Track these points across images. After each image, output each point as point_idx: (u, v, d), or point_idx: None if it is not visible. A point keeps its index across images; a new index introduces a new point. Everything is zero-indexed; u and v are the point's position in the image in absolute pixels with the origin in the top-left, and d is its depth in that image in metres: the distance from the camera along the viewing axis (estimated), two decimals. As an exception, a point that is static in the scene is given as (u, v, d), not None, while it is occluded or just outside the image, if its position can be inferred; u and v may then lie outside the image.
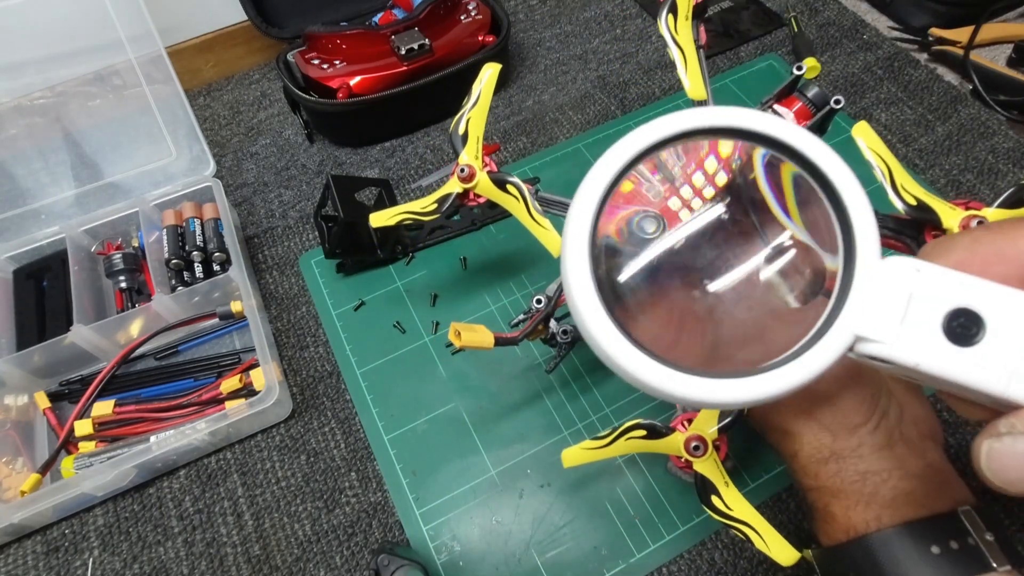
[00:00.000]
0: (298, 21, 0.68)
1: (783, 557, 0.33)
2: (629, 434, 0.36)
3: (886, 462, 0.30)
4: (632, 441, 0.36)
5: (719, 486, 0.34)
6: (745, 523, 0.33)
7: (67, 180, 0.56)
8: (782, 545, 0.33)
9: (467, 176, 0.41)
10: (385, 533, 0.45)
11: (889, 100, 0.65)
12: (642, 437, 0.35)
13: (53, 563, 0.45)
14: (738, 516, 0.34)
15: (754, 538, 0.33)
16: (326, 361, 0.53)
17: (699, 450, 0.34)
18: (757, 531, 0.33)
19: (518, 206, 0.41)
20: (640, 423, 0.35)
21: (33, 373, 0.51)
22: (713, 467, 0.34)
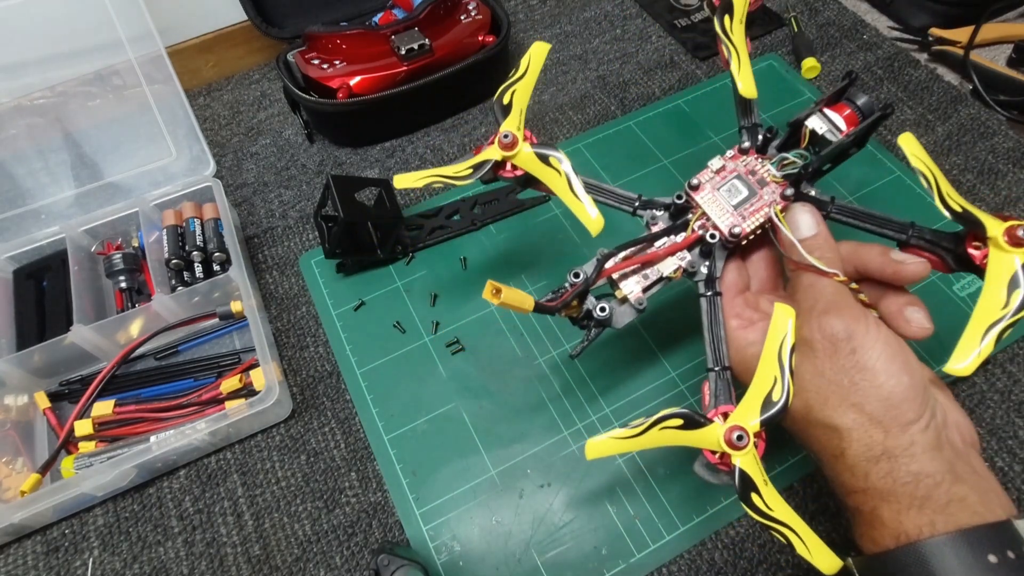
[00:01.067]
0: (298, 21, 0.68)
1: (825, 564, 0.31)
2: (664, 423, 0.33)
3: (938, 463, 0.29)
4: (667, 431, 0.33)
5: (759, 484, 0.32)
6: (786, 525, 0.32)
7: (67, 180, 0.56)
8: (824, 551, 0.31)
9: (509, 143, 0.39)
10: (385, 533, 0.45)
11: (889, 100, 0.65)
12: (678, 427, 0.33)
13: (53, 563, 0.45)
14: (779, 517, 0.32)
15: (795, 541, 0.31)
16: (326, 361, 0.53)
17: (742, 440, 0.32)
18: (799, 534, 0.31)
19: (559, 181, 0.40)
20: (677, 412, 0.33)
21: (33, 373, 0.51)
22: (753, 462, 0.32)
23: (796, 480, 0.45)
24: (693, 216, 0.39)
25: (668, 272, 0.38)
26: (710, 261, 0.38)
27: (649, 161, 0.62)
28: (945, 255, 0.35)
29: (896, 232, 0.37)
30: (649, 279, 0.38)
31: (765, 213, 0.37)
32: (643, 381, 0.49)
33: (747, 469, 0.32)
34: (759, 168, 0.39)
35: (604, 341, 0.51)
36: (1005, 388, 0.48)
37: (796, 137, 0.39)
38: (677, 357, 0.50)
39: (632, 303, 0.38)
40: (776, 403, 0.32)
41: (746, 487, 0.32)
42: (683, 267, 0.38)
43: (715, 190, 0.38)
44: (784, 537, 0.32)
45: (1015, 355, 0.49)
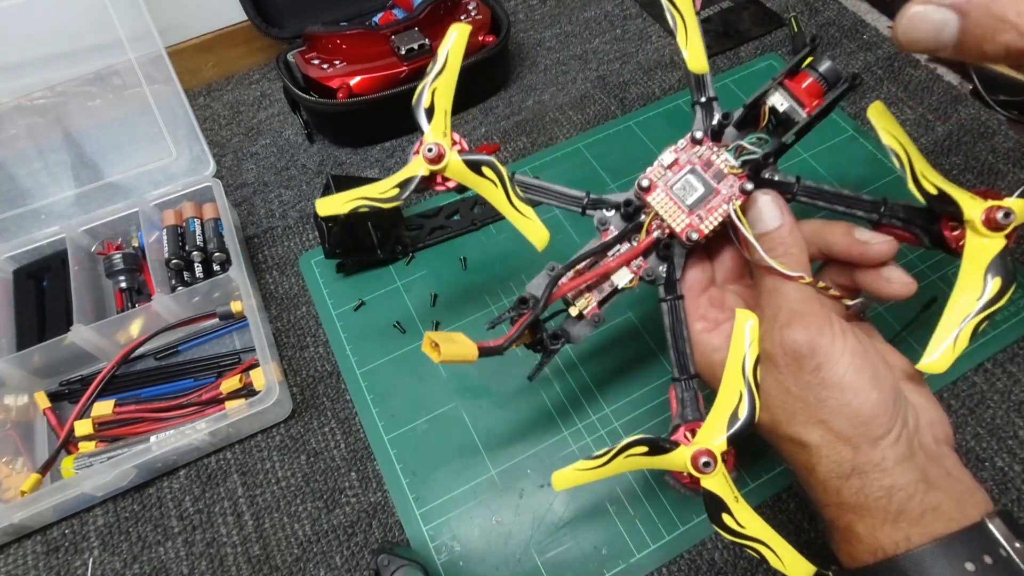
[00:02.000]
0: (298, 21, 0.68)
1: (799, 574, 0.31)
2: (629, 451, 0.33)
3: (910, 474, 0.28)
4: (632, 458, 0.33)
5: (729, 503, 0.31)
6: (759, 540, 0.31)
7: (67, 180, 0.56)
8: (798, 561, 0.31)
9: (434, 157, 0.35)
10: (385, 533, 0.45)
11: (889, 100, 0.65)
12: (643, 454, 0.32)
13: (53, 563, 0.45)
14: (751, 534, 0.31)
15: (769, 556, 0.31)
16: (326, 361, 0.53)
17: (708, 467, 0.31)
18: (772, 548, 0.31)
19: (496, 192, 0.36)
20: (641, 439, 0.32)
21: (33, 373, 0.51)
22: (722, 482, 0.31)
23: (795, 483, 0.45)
24: (647, 216, 0.36)
25: (623, 284, 0.36)
26: (668, 264, 0.36)
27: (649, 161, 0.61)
28: (920, 234, 0.33)
29: (867, 212, 0.34)
30: (604, 292, 0.36)
31: (724, 211, 0.34)
32: (643, 381, 0.49)
33: (716, 490, 0.31)
34: (714, 159, 0.35)
35: (604, 342, 0.51)
36: (1005, 388, 0.48)
37: (754, 116, 0.35)
38: (677, 357, 0.50)
39: (589, 319, 0.36)
40: (740, 420, 0.31)
41: (716, 508, 0.31)
42: (639, 276, 0.36)
43: (668, 189, 0.35)
44: (758, 553, 0.31)
45: (1015, 355, 0.49)
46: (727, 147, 0.35)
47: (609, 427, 0.48)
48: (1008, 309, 0.51)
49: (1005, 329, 0.50)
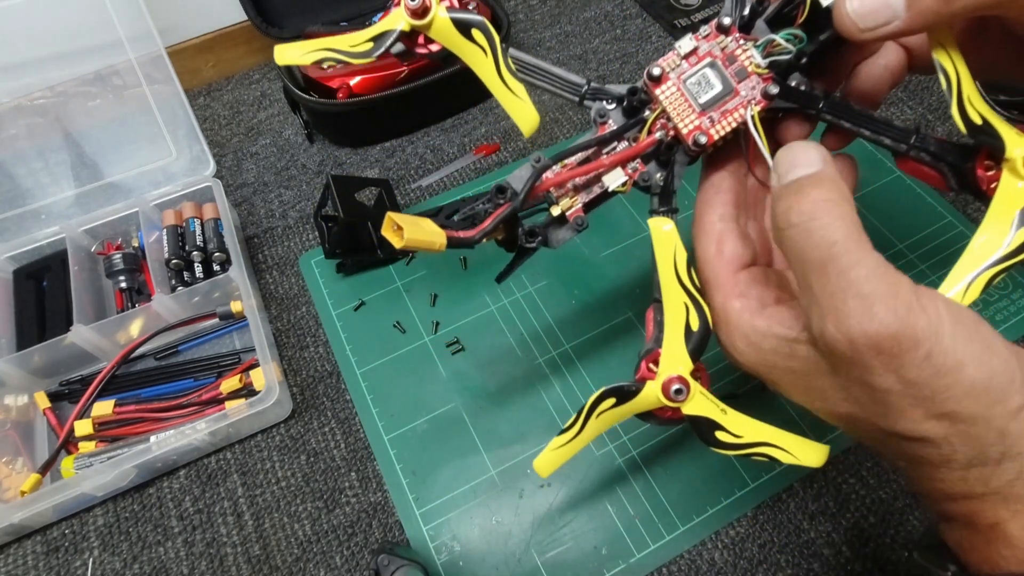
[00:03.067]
0: (298, 21, 0.68)
1: (814, 459, 0.29)
2: (598, 408, 0.30)
3: None
4: (604, 415, 0.30)
5: (717, 419, 0.29)
6: (762, 443, 0.29)
7: (67, 180, 0.56)
8: (809, 447, 0.29)
9: (418, 8, 0.30)
10: (385, 533, 0.45)
11: (889, 100, 0.65)
12: (614, 406, 0.30)
13: (53, 563, 0.45)
14: (751, 440, 0.29)
15: (778, 455, 0.29)
16: (326, 361, 0.53)
17: (681, 393, 0.28)
18: (778, 446, 0.29)
19: (485, 63, 0.31)
20: (604, 391, 0.30)
21: (33, 373, 0.51)
22: (703, 402, 0.29)
23: (796, 480, 0.45)
24: (651, 113, 0.32)
25: (615, 186, 0.32)
26: (668, 172, 0.32)
27: (649, 161, 0.62)
28: (948, 172, 0.30)
29: (895, 140, 0.30)
30: (592, 193, 0.32)
31: (740, 116, 0.30)
32: (643, 381, 0.49)
33: (699, 412, 0.29)
34: (739, 54, 0.30)
35: (604, 340, 0.51)
36: (1005, 388, 0.48)
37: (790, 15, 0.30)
38: (677, 357, 0.50)
39: (571, 223, 0.32)
40: (696, 331, 0.29)
41: (707, 429, 0.29)
42: (634, 179, 0.32)
43: (681, 82, 0.31)
44: (766, 456, 0.29)
45: (1015, 355, 0.49)
46: (756, 42, 0.30)
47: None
48: (1008, 309, 0.51)
49: (1005, 329, 0.50)
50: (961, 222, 0.55)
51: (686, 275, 0.29)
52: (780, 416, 0.47)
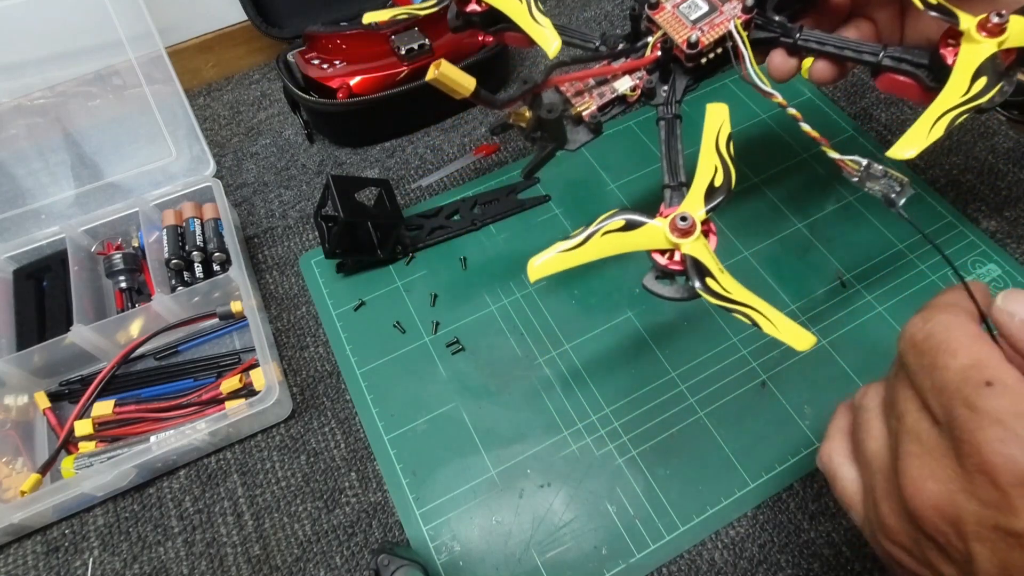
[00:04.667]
0: (298, 21, 0.68)
1: (798, 341, 0.29)
2: (606, 228, 0.31)
3: None
4: (610, 236, 0.31)
5: (714, 270, 0.30)
6: (748, 305, 0.30)
7: (67, 180, 0.56)
8: (793, 328, 0.29)
9: None
10: (385, 533, 0.45)
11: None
12: (620, 229, 0.31)
13: (53, 563, 0.45)
14: (739, 299, 0.30)
15: (761, 321, 0.30)
16: (326, 361, 0.53)
17: (686, 221, 0.30)
18: (763, 313, 0.30)
19: (519, 8, 0.38)
20: (617, 212, 0.32)
21: (33, 373, 0.51)
22: (704, 250, 0.31)
23: (796, 480, 0.45)
24: (653, 37, 0.38)
25: (624, 89, 0.37)
26: (670, 86, 0.38)
27: (649, 161, 0.62)
28: (919, 72, 0.34)
29: (870, 55, 0.36)
30: (605, 97, 0.37)
31: (725, 26, 0.36)
32: (643, 381, 0.49)
33: (698, 255, 0.31)
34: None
35: (603, 341, 0.51)
36: (1005, 388, 0.48)
37: None
38: (677, 357, 0.50)
39: (587, 120, 0.37)
40: (719, 189, 0.32)
41: (699, 272, 0.31)
42: (640, 85, 0.37)
43: (675, 8, 0.38)
44: (749, 318, 0.30)
45: (1015, 355, 0.49)
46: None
47: (609, 427, 0.48)
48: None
49: (1005, 329, 0.50)
50: (961, 222, 0.55)
51: (724, 145, 0.33)
52: (780, 415, 0.47)
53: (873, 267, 0.53)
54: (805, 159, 0.60)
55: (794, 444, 0.46)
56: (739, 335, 0.51)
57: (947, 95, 0.31)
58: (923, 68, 0.35)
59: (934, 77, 0.34)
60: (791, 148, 0.61)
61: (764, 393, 0.48)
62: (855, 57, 0.36)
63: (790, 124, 0.63)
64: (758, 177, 0.60)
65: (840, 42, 0.36)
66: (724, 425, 0.47)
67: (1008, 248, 0.54)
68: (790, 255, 0.55)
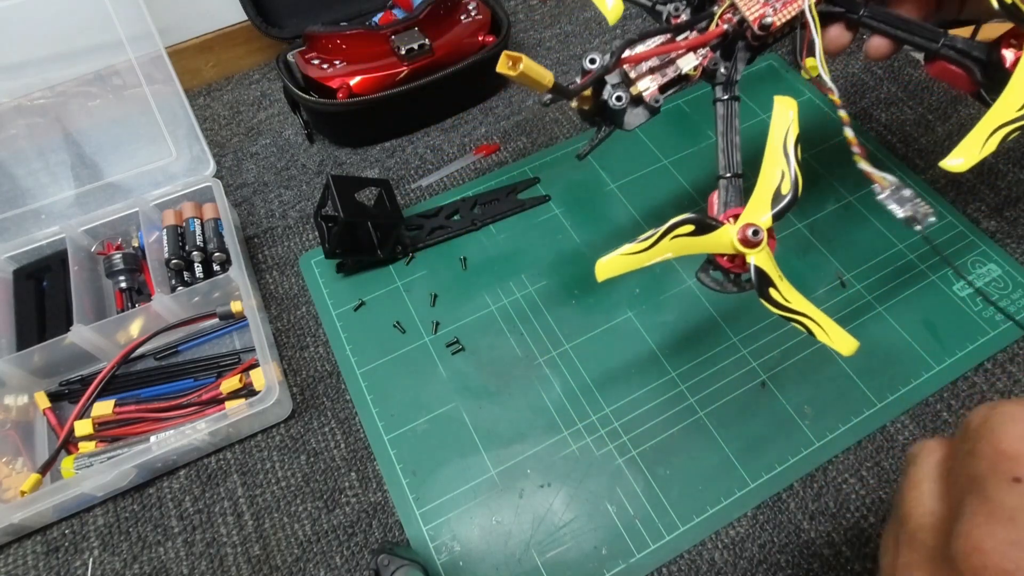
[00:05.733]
0: (298, 21, 0.68)
1: (845, 347, 0.32)
2: (675, 231, 0.32)
3: None
4: (678, 240, 0.32)
5: (775, 279, 0.32)
6: (804, 315, 0.32)
7: (67, 180, 0.56)
8: (842, 335, 0.32)
9: None
10: (385, 533, 0.45)
11: (889, 100, 0.65)
12: (689, 234, 0.32)
13: (53, 563, 0.45)
14: (797, 308, 0.32)
15: (815, 329, 0.32)
16: (326, 361, 0.53)
17: (758, 235, 0.31)
18: (819, 323, 0.32)
19: None
20: (687, 217, 0.32)
21: (33, 373, 0.51)
22: (767, 259, 0.32)
23: (796, 480, 0.45)
24: (719, 8, 0.36)
25: (687, 68, 0.36)
26: (732, 63, 0.37)
27: (649, 161, 0.62)
28: (973, 66, 0.34)
29: (927, 40, 0.35)
30: (667, 76, 0.36)
31: (799, 5, 0.35)
32: (643, 381, 0.49)
33: (763, 266, 0.32)
34: None
35: (603, 341, 0.51)
36: (1005, 388, 0.48)
37: None
38: (677, 357, 0.50)
39: (647, 101, 0.36)
40: (785, 196, 0.32)
41: (764, 283, 0.32)
42: (704, 64, 0.36)
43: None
44: (804, 327, 0.32)
45: (1015, 355, 0.49)
46: None
47: (609, 427, 0.48)
48: (1008, 309, 0.51)
49: (1005, 329, 0.50)
50: (961, 222, 0.55)
51: (792, 147, 0.32)
52: (780, 415, 0.47)
53: (873, 267, 0.53)
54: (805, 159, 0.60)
55: (794, 444, 0.46)
56: (739, 335, 0.51)
57: (1001, 106, 0.31)
58: (979, 63, 0.34)
59: (987, 74, 0.34)
60: (791, 148, 0.61)
61: (764, 393, 0.48)
62: (913, 40, 0.35)
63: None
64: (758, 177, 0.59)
65: (902, 22, 0.35)
66: (724, 425, 0.47)
67: (1008, 248, 0.54)
68: (790, 255, 0.55)
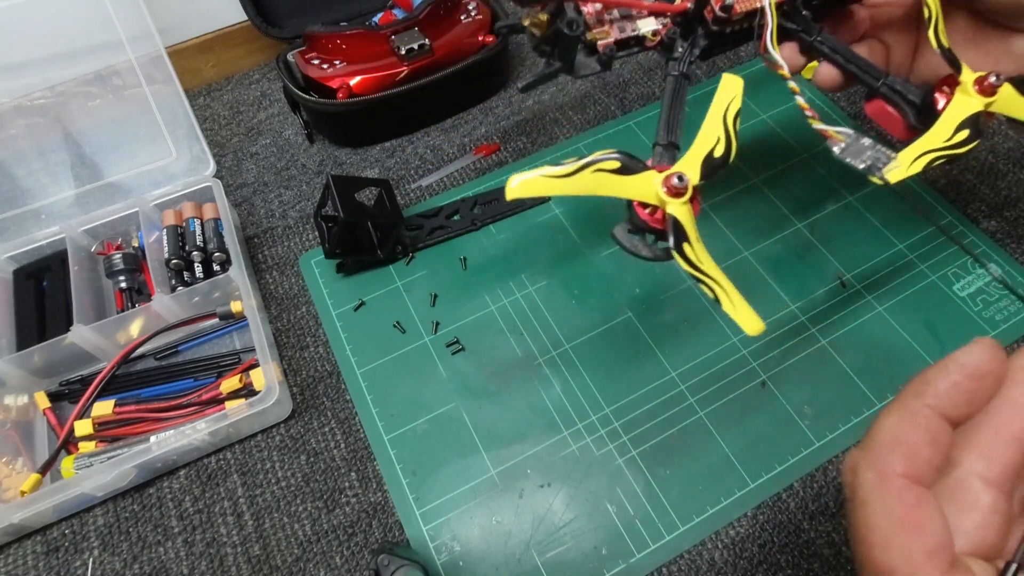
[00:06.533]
0: (298, 21, 0.68)
1: (750, 326, 0.31)
2: (598, 164, 0.31)
3: None
4: (600, 175, 0.31)
5: (692, 237, 0.31)
6: (714, 280, 0.31)
7: (67, 180, 0.56)
8: (748, 312, 0.32)
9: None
10: (385, 533, 0.45)
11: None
12: (613, 171, 0.31)
13: (53, 563, 0.45)
14: (707, 271, 0.31)
15: (722, 297, 0.31)
16: (326, 361, 0.53)
17: (683, 180, 0.30)
18: (726, 292, 0.31)
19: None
20: (613, 153, 0.31)
21: (33, 373, 0.51)
22: (688, 214, 0.31)
23: (796, 480, 0.45)
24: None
25: (646, 30, 0.37)
26: (690, 43, 0.37)
27: (649, 161, 0.62)
28: (908, 109, 0.36)
29: (871, 78, 0.37)
30: (625, 32, 0.36)
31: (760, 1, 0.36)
32: (643, 381, 0.49)
33: (682, 219, 0.31)
34: None
35: (603, 341, 0.51)
36: (1005, 388, 0.48)
37: None
38: (677, 357, 0.50)
39: (601, 51, 0.36)
40: (716, 158, 0.32)
41: (679, 235, 0.31)
42: (662, 34, 0.37)
43: None
44: (712, 292, 0.32)
45: (1015, 355, 0.49)
46: None
47: (609, 427, 0.48)
48: (1008, 309, 0.51)
49: (1005, 329, 0.50)
50: (961, 222, 0.55)
51: (732, 118, 0.33)
52: (780, 415, 0.47)
53: (873, 267, 0.53)
54: (805, 159, 0.60)
55: (794, 444, 0.46)
56: (739, 335, 0.51)
57: (931, 136, 0.34)
58: (913, 107, 0.36)
59: (920, 119, 0.36)
60: (792, 148, 0.61)
61: (764, 393, 0.48)
62: (858, 74, 0.37)
63: (790, 124, 0.63)
64: (758, 177, 0.60)
65: (851, 55, 0.37)
66: (724, 425, 0.47)
67: (1008, 248, 0.54)
68: (790, 255, 0.55)
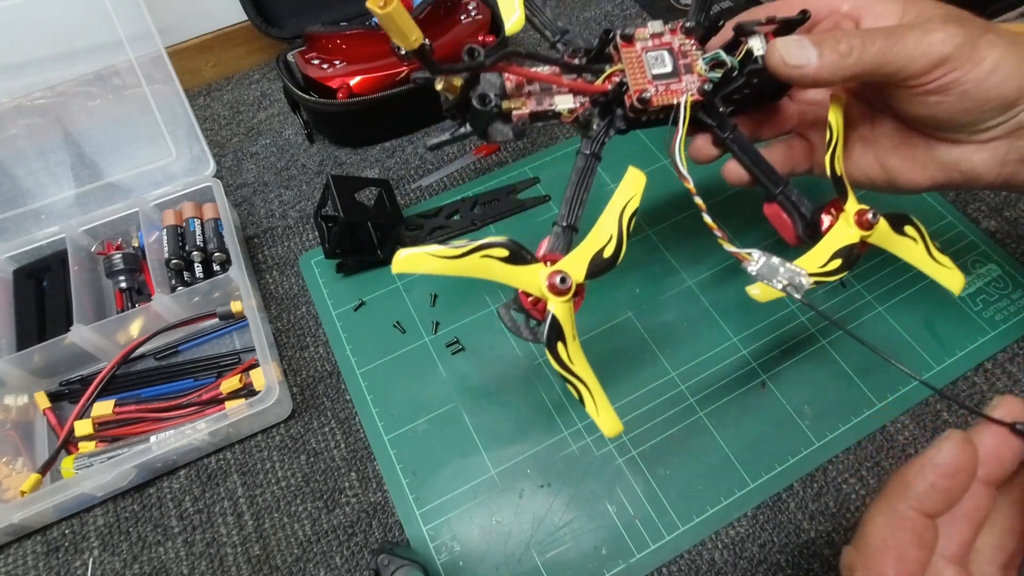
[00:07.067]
0: (298, 21, 0.68)
1: (608, 427, 0.33)
2: (487, 251, 0.31)
3: None
4: (488, 260, 0.31)
5: (568, 336, 0.32)
6: (582, 381, 0.32)
7: (67, 180, 0.56)
8: (610, 414, 0.33)
9: None
10: (385, 533, 0.45)
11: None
12: (501, 259, 0.31)
13: (53, 563, 0.45)
14: (578, 372, 0.32)
15: (587, 398, 0.33)
16: (326, 361, 0.53)
17: (565, 282, 0.31)
18: (592, 394, 0.33)
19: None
20: (504, 241, 0.31)
21: (33, 373, 0.51)
22: (567, 313, 0.32)
23: (796, 480, 0.45)
24: (610, 68, 0.36)
25: (563, 107, 0.36)
26: (608, 124, 0.37)
27: (649, 161, 0.62)
28: (798, 220, 0.37)
29: (771, 184, 0.38)
30: (542, 106, 0.36)
31: (678, 97, 0.36)
32: (643, 381, 0.49)
33: (561, 318, 0.32)
34: (692, 53, 0.37)
35: (603, 341, 0.51)
36: (1005, 388, 0.48)
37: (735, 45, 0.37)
38: (677, 357, 0.50)
39: (515, 122, 0.35)
40: (604, 259, 0.32)
41: (555, 334, 0.32)
42: (580, 111, 0.36)
43: (643, 52, 0.37)
44: (578, 392, 0.33)
45: (1015, 355, 0.49)
46: (705, 54, 0.37)
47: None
48: (1008, 309, 0.51)
49: (1005, 329, 0.50)
50: (961, 222, 0.55)
51: (627, 219, 0.33)
52: (780, 415, 0.47)
53: (873, 267, 0.53)
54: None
55: (794, 444, 0.46)
56: (739, 335, 0.51)
57: (809, 259, 0.35)
58: (804, 220, 0.37)
59: (807, 231, 0.37)
60: (791, 148, 0.61)
61: (764, 393, 0.48)
62: (761, 178, 0.38)
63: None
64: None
65: (757, 159, 0.38)
66: (724, 425, 0.47)
67: (1008, 248, 0.54)
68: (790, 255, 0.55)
